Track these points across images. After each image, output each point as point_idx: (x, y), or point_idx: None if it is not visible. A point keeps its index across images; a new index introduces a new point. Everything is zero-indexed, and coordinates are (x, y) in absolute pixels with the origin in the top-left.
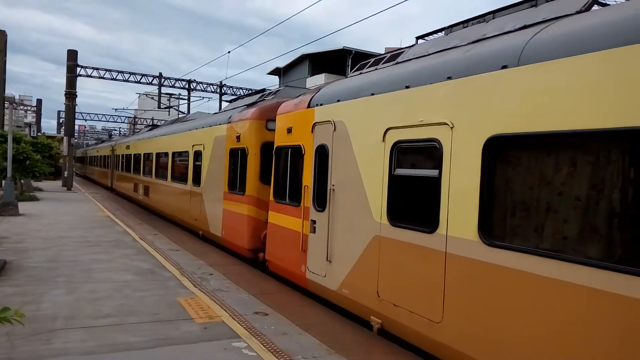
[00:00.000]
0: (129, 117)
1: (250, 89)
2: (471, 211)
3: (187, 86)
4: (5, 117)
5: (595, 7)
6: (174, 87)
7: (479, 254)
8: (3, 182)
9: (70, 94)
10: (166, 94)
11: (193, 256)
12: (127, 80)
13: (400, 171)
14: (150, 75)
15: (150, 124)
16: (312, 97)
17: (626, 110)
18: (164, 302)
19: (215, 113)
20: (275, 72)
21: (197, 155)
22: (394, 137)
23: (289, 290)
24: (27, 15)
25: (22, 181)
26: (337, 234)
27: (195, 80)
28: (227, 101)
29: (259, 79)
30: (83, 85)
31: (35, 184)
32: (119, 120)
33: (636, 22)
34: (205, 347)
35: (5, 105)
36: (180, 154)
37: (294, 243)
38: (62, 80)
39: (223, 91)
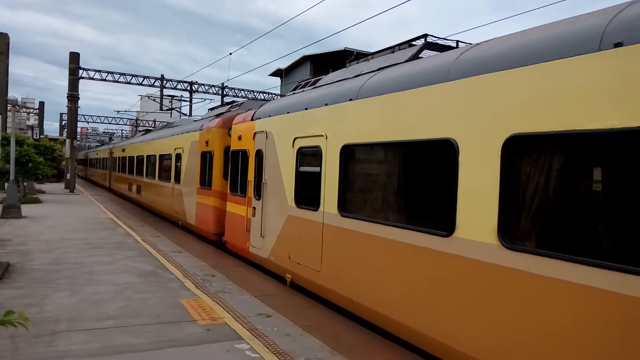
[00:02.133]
0: (131, 119)
1: (252, 91)
2: (335, 195)
3: (189, 88)
4: (7, 120)
5: (426, 52)
6: (176, 89)
7: (339, 223)
8: (6, 184)
9: (73, 97)
10: (168, 96)
11: (195, 258)
12: (129, 83)
13: (302, 168)
14: (152, 77)
15: (150, 127)
16: (255, 112)
17: (415, 127)
18: (166, 304)
19: (195, 120)
20: (277, 73)
21: (178, 157)
22: (298, 144)
23: (291, 292)
24: (29, 18)
25: (25, 184)
26: (268, 216)
27: (197, 82)
28: (227, 103)
29: (262, 80)
30: (85, 87)
31: (37, 186)
32: (121, 122)
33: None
34: (208, 349)
35: (8, 108)
36: (165, 156)
37: (242, 225)
38: (64, 82)
39: (225, 93)
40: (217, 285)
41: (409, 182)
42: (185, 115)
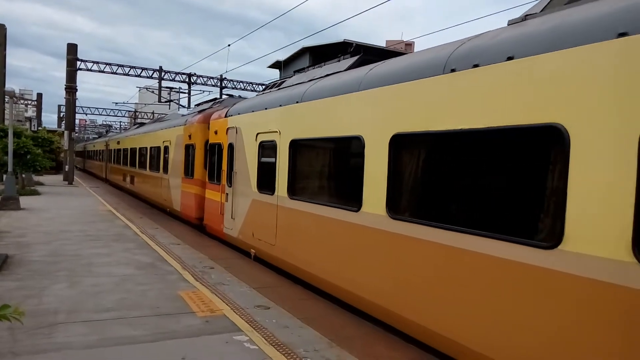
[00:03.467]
0: (129, 111)
1: (251, 83)
2: (286, 181)
3: (187, 80)
4: (5, 112)
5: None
6: (174, 80)
7: (289, 204)
8: (4, 176)
9: (71, 88)
10: (166, 87)
11: (194, 250)
12: (127, 74)
13: (263, 159)
14: (150, 69)
15: (149, 119)
16: (228, 110)
17: (339, 126)
18: (165, 295)
19: (183, 115)
20: (276, 65)
21: (166, 149)
22: (260, 138)
23: (290, 284)
24: (28, 9)
25: (23, 175)
26: (237, 200)
27: (195, 74)
28: (227, 95)
29: (261, 72)
30: (83, 79)
31: (36, 178)
32: (119, 114)
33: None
34: (206, 340)
35: (6, 99)
36: (155, 148)
37: (217, 210)
38: (62, 74)
39: (223, 85)
40: (216, 277)
41: (335, 170)
42: (183, 107)
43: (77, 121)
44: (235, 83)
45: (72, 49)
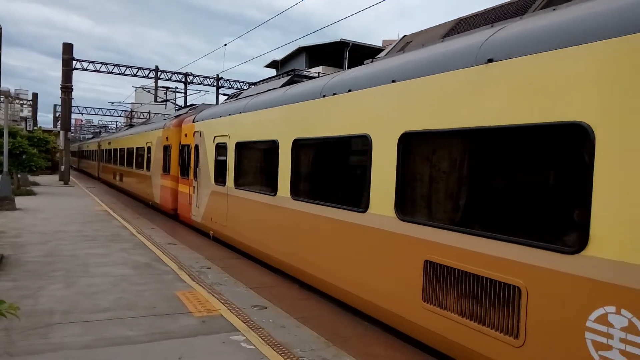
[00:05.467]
0: (125, 111)
1: (247, 82)
2: (232, 175)
3: (183, 79)
4: (0, 111)
5: (293, 85)
6: (171, 80)
7: (234, 193)
8: None
9: (66, 88)
10: (163, 87)
11: (191, 250)
12: (123, 74)
13: (218, 158)
14: (146, 69)
15: (144, 119)
16: (195, 116)
17: (263, 132)
18: (162, 295)
19: (164, 119)
20: (273, 64)
21: (149, 149)
22: (217, 140)
23: (287, 284)
24: (24, 8)
25: (19, 175)
26: (201, 192)
27: (192, 73)
28: (223, 94)
29: (258, 71)
30: (80, 78)
31: (32, 178)
32: (115, 114)
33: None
34: (203, 340)
35: (1, 99)
36: (140, 148)
37: (187, 200)
38: (58, 73)
39: (220, 84)
40: (213, 277)
41: (263, 165)
42: (180, 106)
43: (72, 121)
44: (231, 83)
45: (67, 48)
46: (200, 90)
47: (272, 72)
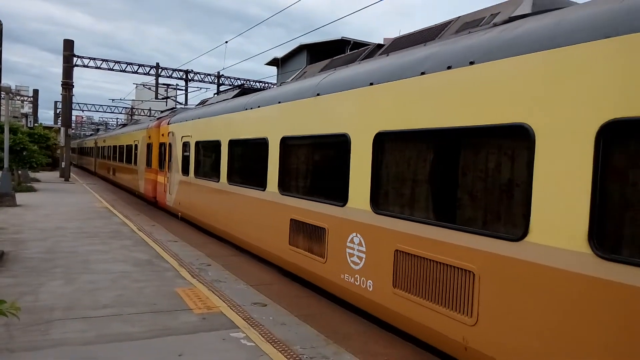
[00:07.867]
0: (126, 108)
1: (248, 80)
2: (193, 167)
3: (184, 77)
4: (1, 108)
5: (242, 96)
6: (172, 77)
7: (194, 181)
8: (0, 173)
9: (67, 85)
10: (164, 84)
11: (191, 247)
12: (124, 71)
13: (184, 153)
14: (147, 66)
15: (144, 116)
16: (170, 119)
17: (215, 133)
18: (162, 292)
19: (150, 120)
20: (274, 62)
21: (136, 147)
22: (183, 140)
23: (287, 281)
24: (26, 4)
25: (20, 172)
26: (172, 181)
27: (192, 70)
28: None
29: (259, 69)
30: (81, 75)
31: (32, 174)
32: (116, 110)
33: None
34: (203, 337)
35: (2, 95)
36: (129, 146)
37: (163, 189)
38: (59, 70)
39: (221, 82)
40: (213, 275)
41: (214, 159)
42: (180, 103)
43: (73, 118)
44: (232, 80)
45: (68, 45)
46: (201, 88)
47: (273, 69)
